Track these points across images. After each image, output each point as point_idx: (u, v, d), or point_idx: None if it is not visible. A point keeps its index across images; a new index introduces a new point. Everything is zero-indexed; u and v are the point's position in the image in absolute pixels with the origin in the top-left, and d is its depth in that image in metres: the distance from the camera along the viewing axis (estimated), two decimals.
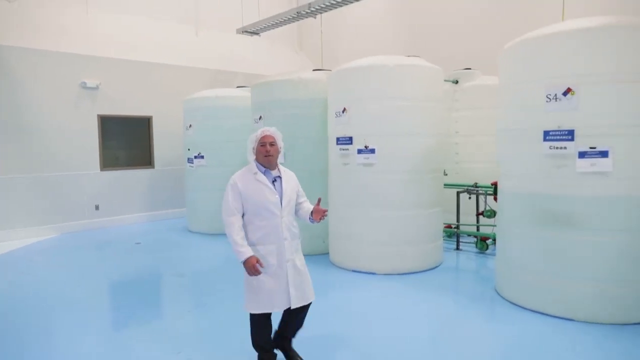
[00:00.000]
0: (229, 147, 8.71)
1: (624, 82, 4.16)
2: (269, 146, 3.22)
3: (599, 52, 4.20)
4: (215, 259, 7.16)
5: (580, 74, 4.26)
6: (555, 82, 4.35)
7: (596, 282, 4.31)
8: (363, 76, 5.98)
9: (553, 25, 4.56)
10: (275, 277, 3.17)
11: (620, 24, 4.19)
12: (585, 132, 4.24)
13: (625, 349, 3.82)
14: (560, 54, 4.35)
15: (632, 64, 4.15)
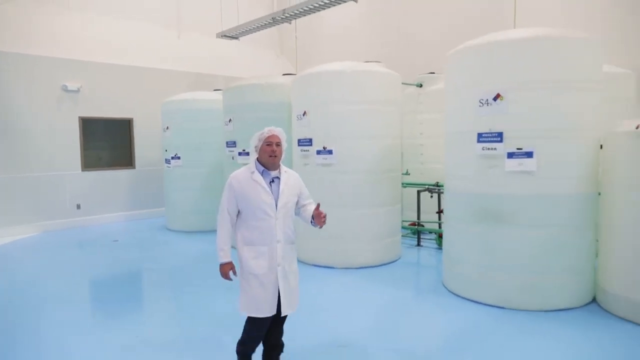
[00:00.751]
0: (204, 149, 9.06)
1: (547, 89, 4.54)
2: (275, 146, 3.14)
3: (525, 61, 4.57)
4: (189, 255, 7.46)
5: (508, 81, 4.62)
6: (486, 88, 4.72)
7: (523, 273, 4.68)
8: (322, 81, 6.33)
9: (487, 35, 4.92)
10: (265, 281, 3.10)
11: (544, 36, 4.56)
12: (513, 134, 4.62)
13: (547, 331, 4.19)
14: (492, 62, 4.73)
15: (554, 73, 4.53)
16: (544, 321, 4.42)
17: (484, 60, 4.78)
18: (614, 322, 4.39)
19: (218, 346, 3.99)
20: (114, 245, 8.21)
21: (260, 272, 3.09)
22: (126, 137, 10.59)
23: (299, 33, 13.98)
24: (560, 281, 4.67)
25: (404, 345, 3.97)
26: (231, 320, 4.31)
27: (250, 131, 5.87)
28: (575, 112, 4.58)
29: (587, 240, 4.76)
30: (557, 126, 4.55)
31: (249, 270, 3.11)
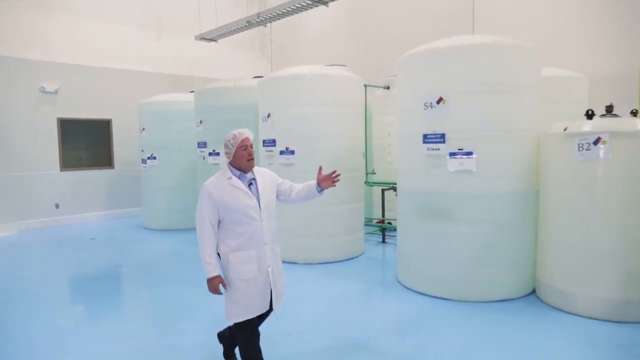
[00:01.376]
0: (179, 149, 9.28)
1: (485, 93, 4.82)
2: (250, 148, 3.09)
3: (465, 67, 4.86)
4: (164, 252, 7.68)
5: (450, 85, 4.90)
6: (430, 92, 5.00)
7: (466, 266, 4.97)
8: (285, 85, 6.59)
9: (431, 43, 5.21)
10: (255, 284, 3.05)
11: (480, 43, 4.85)
12: (454, 135, 4.90)
13: (485, 320, 4.47)
14: (435, 68, 5.01)
15: (491, 78, 4.81)
16: (484, 311, 4.70)
17: (428, 66, 5.06)
18: (549, 311, 4.69)
19: (191, 335, 4.24)
20: (90, 243, 8.42)
21: (250, 276, 3.02)
22: (105, 138, 10.79)
23: (279, 35, 14.24)
24: (501, 274, 4.96)
25: (345, 333, 4.24)
26: (202, 310, 4.56)
27: (220, 132, 6.11)
28: (512, 115, 4.87)
29: (526, 236, 5.05)
30: (495, 128, 4.83)
31: (237, 277, 3.02)
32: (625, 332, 4.14)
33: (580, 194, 4.46)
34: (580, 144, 4.39)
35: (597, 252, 4.39)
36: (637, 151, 4.21)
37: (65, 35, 10.29)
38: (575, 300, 4.55)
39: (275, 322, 4.47)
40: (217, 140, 7.77)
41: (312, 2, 9.10)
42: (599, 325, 4.30)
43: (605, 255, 4.36)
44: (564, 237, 4.65)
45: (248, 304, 3.04)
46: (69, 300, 5.57)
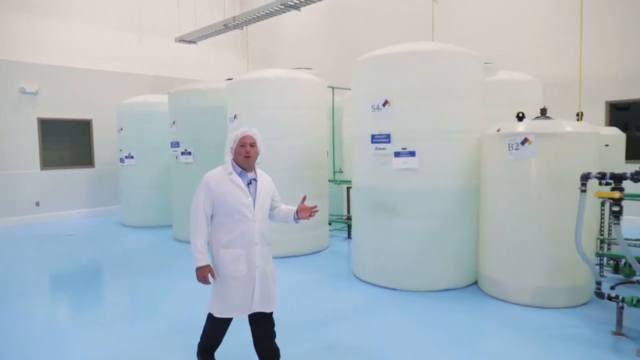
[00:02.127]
0: (156, 149, 9.57)
1: (427, 96, 5.18)
2: (249, 147, 3.11)
3: (408, 72, 5.21)
4: (136, 246, 8.00)
5: (394, 89, 5.25)
6: (377, 96, 5.35)
7: (411, 258, 5.32)
8: (250, 88, 6.92)
9: (379, 49, 5.56)
10: (243, 283, 3.07)
11: (424, 49, 5.21)
12: (399, 136, 5.25)
13: (430, 309, 4.81)
14: (381, 72, 5.36)
15: (433, 82, 5.17)
16: (426, 299, 5.05)
17: (375, 71, 5.42)
18: (485, 299, 5.06)
19: (168, 321, 4.57)
20: (68, 239, 8.71)
21: (239, 274, 3.05)
22: (86, 137, 11.06)
23: (261, 37, 14.58)
24: (444, 265, 5.32)
25: (286, 318, 4.55)
26: (178, 299, 4.89)
27: (192, 133, 6.40)
28: (453, 117, 5.23)
29: (468, 229, 5.41)
30: (437, 129, 5.19)
31: (227, 273, 3.06)
32: (547, 316, 4.51)
33: (511, 190, 4.82)
34: (510, 144, 4.75)
35: (525, 244, 4.76)
36: (560, 151, 4.57)
37: (46, 37, 10.56)
38: (508, 289, 4.92)
39: None
40: (189, 140, 8.09)
41: (285, 7, 9.44)
42: (526, 311, 4.67)
43: (532, 247, 4.72)
44: (498, 231, 5.01)
45: (232, 301, 3.07)
46: (42, 291, 5.86)
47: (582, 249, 4.01)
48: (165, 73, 12.52)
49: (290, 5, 9.38)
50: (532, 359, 3.72)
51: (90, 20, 11.44)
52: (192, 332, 3.76)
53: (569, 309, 4.69)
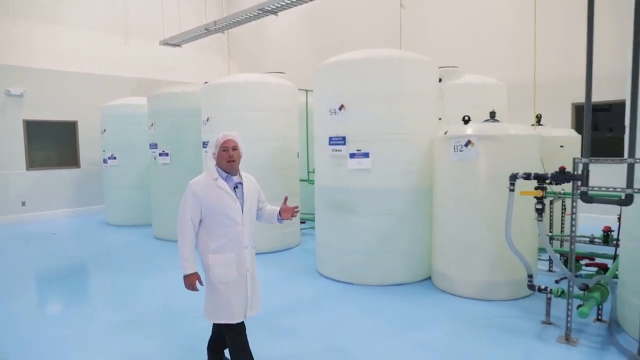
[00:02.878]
0: (137, 149, 9.84)
1: (381, 101, 5.46)
2: (232, 151, 3.09)
3: (362, 78, 5.49)
4: (116, 244, 8.28)
5: (350, 93, 5.54)
6: (334, 100, 5.63)
7: (365, 254, 5.60)
8: (221, 91, 7.21)
9: (336, 56, 5.84)
10: (236, 287, 3.08)
11: (376, 56, 5.49)
12: (354, 138, 5.53)
13: (381, 301, 5.10)
14: (337, 78, 5.65)
15: (385, 87, 5.45)
16: (379, 292, 5.35)
17: (332, 76, 5.71)
18: (436, 293, 5.34)
19: (136, 315, 4.86)
20: (52, 237, 8.99)
21: (230, 279, 3.05)
22: (71, 139, 11.34)
23: (247, 39, 14.85)
24: (398, 261, 5.61)
25: None
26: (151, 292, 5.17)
27: (169, 135, 6.68)
28: (405, 120, 5.51)
29: (421, 227, 5.69)
30: (389, 131, 5.47)
31: (218, 279, 3.06)
32: (488, 308, 4.80)
33: (458, 190, 5.11)
34: (455, 146, 5.04)
35: (470, 241, 5.04)
36: (500, 152, 4.85)
37: (32, 41, 10.83)
38: (456, 283, 5.21)
39: (185, 299, 5.10)
40: (166, 141, 8.37)
41: (262, 12, 9.72)
42: (470, 303, 4.96)
43: (477, 244, 5.00)
44: (447, 229, 5.30)
45: (228, 307, 3.08)
46: (23, 286, 6.13)
47: (513, 244, 4.28)
48: (151, 75, 12.79)
49: (267, 10, 9.65)
50: (464, 345, 4.02)
51: (76, 24, 11.72)
52: (165, 320, 4.06)
53: (510, 301, 4.97)
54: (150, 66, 12.91)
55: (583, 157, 3.82)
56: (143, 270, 6.56)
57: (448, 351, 3.93)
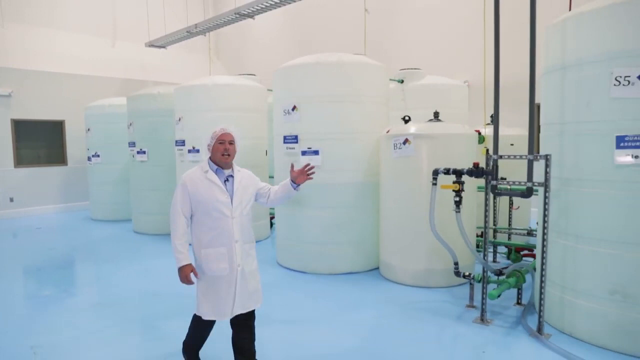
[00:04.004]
0: (119, 148, 10.26)
1: (330, 102, 5.87)
2: (228, 144, 3.11)
3: (313, 81, 5.90)
4: (96, 237, 8.72)
5: (302, 95, 5.95)
6: (287, 101, 6.04)
7: (316, 245, 6.01)
8: (192, 93, 7.62)
9: (290, 61, 6.25)
10: (226, 282, 3.07)
11: (327, 61, 5.89)
12: (305, 136, 5.95)
13: (327, 287, 5.52)
14: (290, 81, 6.06)
15: (334, 89, 5.85)
16: (328, 280, 5.77)
17: (287, 79, 6.12)
18: (380, 281, 5.75)
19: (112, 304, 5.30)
20: (36, 231, 9.44)
21: (223, 274, 3.04)
22: (59, 137, 11.79)
23: (233, 39, 15.27)
24: (347, 251, 6.02)
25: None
26: (123, 282, 5.59)
27: (146, 134, 7.10)
28: (353, 120, 5.92)
29: (370, 220, 6.10)
30: (338, 130, 5.88)
31: (210, 273, 3.05)
32: (423, 294, 5.21)
33: (398, 184, 5.52)
34: (395, 144, 5.44)
35: (410, 232, 5.44)
36: (434, 149, 5.25)
37: (20, 43, 11.25)
38: (397, 272, 5.61)
39: (157, 285, 5.54)
40: (144, 140, 8.80)
41: (239, 16, 10.13)
42: (409, 290, 5.36)
43: (415, 235, 5.40)
44: (390, 221, 5.70)
45: (219, 304, 3.07)
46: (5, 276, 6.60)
47: (437, 233, 4.67)
48: (138, 76, 13.20)
49: (244, 14, 10.07)
50: (389, 323, 4.44)
51: (64, 26, 12.16)
52: (135, 303, 4.49)
53: (446, 288, 5.38)
54: (137, 67, 13.33)
55: (493, 155, 4.22)
56: (117, 261, 6.99)
57: (373, 328, 4.36)
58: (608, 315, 3.77)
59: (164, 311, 4.87)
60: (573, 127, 3.98)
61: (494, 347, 3.91)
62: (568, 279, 4.06)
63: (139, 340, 4.25)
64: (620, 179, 3.65)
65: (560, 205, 4.11)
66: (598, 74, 3.72)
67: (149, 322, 4.60)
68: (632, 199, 3.61)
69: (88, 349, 4.02)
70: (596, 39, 3.76)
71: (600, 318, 3.82)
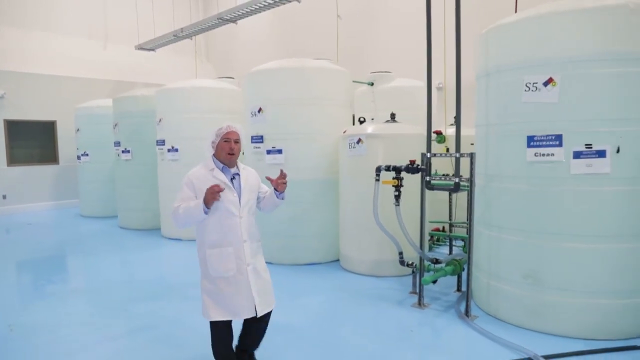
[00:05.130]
0: (107, 147, 10.70)
1: (292, 105, 6.30)
2: (234, 143, 3.03)
3: (276, 85, 6.33)
4: (82, 233, 9.20)
5: (267, 98, 6.39)
6: (254, 104, 6.48)
7: (281, 237, 6.44)
8: (171, 95, 8.09)
9: (258, 66, 6.69)
10: (235, 283, 2.96)
11: (290, 66, 6.33)
12: (270, 137, 6.39)
13: (287, 276, 5.92)
14: (257, 84, 6.50)
15: (297, 93, 6.28)
16: (291, 270, 6.20)
17: (253, 83, 6.56)
18: (338, 270, 6.19)
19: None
20: (27, 227, 9.91)
21: (229, 274, 2.95)
22: (51, 137, 12.26)
23: (223, 42, 15.70)
24: (308, 244, 6.45)
25: (165, 282, 5.74)
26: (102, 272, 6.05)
27: (130, 134, 7.53)
28: (314, 121, 6.35)
29: (330, 215, 6.52)
30: (299, 131, 6.32)
31: (216, 274, 2.96)
32: (373, 282, 5.64)
33: (353, 181, 5.94)
34: (350, 143, 5.87)
35: (363, 225, 5.85)
36: (385, 149, 5.67)
37: (12, 45, 11.70)
38: (354, 263, 6.04)
39: (134, 275, 5.97)
40: (128, 140, 9.25)
41: (221, 21, 10.56)
42: (362, 279, 5.79)
43: (368, 228, 5.79)
44: (347, 215, 6.13)
45: (228, 304, 2.97)
46: None
47: (382, 224, 5.08)
48: (129, 78, 13.65)
49: (226, 19, 10.50)
50: (335, 307, 4.89)
51: (58, 30, 12.61)
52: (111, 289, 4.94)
53: (396, 277, 5.80)
54: (128, 69, 13.78)
55: (427, 153, 4.65)
56: (98, 253, 7.44)
57: (318, 310, 4.80)
58: (523, 297, 4.19)
59: (135, 296, 5.32)
60: (495, 129, 4.41)
61: (423, 327, 4.34)
62: (493, 266, 4.49)
63: (109, 320, 4.67)
64: (531, 175, 4.08)
65: (486, 199, 4.53)
66: (513, 80, 4.14)
67: (120, 305, 5.03)
68: (540, 192, 4.03)
69: (61, 327, 4.46)
70: (511, 49, 4.18)
71: (517, 300, 4.24)
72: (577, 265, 3.93)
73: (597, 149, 3.80)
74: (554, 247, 4.00)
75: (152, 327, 4.40)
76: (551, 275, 4.03)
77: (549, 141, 3.94)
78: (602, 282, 3.89)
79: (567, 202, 3.92)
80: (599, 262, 3.88)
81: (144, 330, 4.33)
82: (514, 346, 3.76)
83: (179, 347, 3.99)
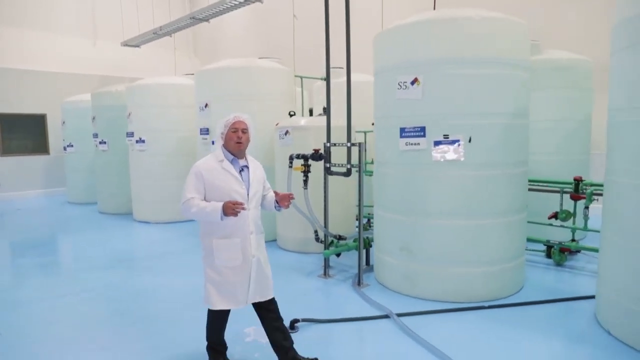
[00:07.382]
0: (90, 139, 11.51)
1: (238, 100, 6.99)
2: (241, 133, 3.03)
3: (222, 82, 7.05)
4: (66, 217, 10.08)
5: (212, 95, 7.11)
6: (201, 99, 7.23)
7: None
8: (136, 91, 8.85)
9: (210, 64, 7.41)
10: (240, 272, 3.01)
11: (236, 65, 7.05)
12: (215, 129, 7.10)
13: None
14: (205, 82, 7.24)
15: (241, 90, 6.99)
16: None
17: (202, 80, 7.30)
18: (275, 249, 6.90)
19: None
20: (16, 212, 10.82)
21: (235, 264, 2.99)
22: (42, 129, 13.16)
23: (210, 35, 16.40)
24: None
25: (131, 255, 6.56)
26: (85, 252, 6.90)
27: (106, 126, 8.42)
28: (254, 115, 6.90)
29: None
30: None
31: (222, 263, 2.99)
32: (298, 257, 6.37)
33: (283, 167, 6.63)
34: (279, 134, 6.58)
35: (291, 207, 6.57)
36: (306, 140, 6.35)
37: (3, 42, 12.56)
38: (285, 240, 6.78)
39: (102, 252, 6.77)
40: (105, 132, 10.08)
41: (194, 20, 11.27)
42: (289, 254, 6.53)
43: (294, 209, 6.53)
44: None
45: (231, 292, 3.02)
46: None
47: (297, 206, 5.78)
48: (116, 73, 14.45)
49: (198, 18, 11.20)
50: None
51: (48, 27, 13.45)
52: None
53: (320, 254, 6.49)
54: (116, 65, 14.59)
55: (327, 143, 5.34)
56: (71, 232, 8.29)
57: None
58: (399, 267, 4.88)
59: (98, 266, 6.13)
60: (382, 122, 5.08)
61: (317, 292, 5.07)
62: (381, 242, 5.19)
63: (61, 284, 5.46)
64: (404, 162, 4.75)
65: (378, 183, 5.22)
66: (390, 80, 4.80)
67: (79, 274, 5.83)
68: (411, 177, 4.71)
69: (20, 288, 5.29)
70: (390, 51, 4.84)
71: (395, 269, 4.94)
72: (438, 239, 4.61)
73: (452, 139, 4.46)
74: (422, 224, 4.68)
75: (93, 289, 5.19)
76: (420, 248, 4.71)
77: (416, 132, 4.61)
78: (457, 253, 4.56)
79: (430, 185, 4.59)
80: (455, 236, 4.55)
81: (87, 291, 5.12)
82: (377, 305, 4.48)
83: (114, 302, 4.83)
